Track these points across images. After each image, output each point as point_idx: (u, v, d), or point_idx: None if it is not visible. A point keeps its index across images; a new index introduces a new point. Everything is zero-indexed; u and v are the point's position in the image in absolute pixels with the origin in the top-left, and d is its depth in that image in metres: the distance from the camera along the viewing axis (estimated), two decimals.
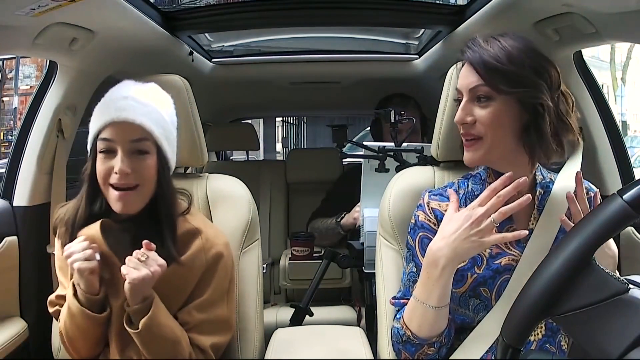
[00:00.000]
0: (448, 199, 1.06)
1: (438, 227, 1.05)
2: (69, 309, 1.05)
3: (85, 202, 1.07)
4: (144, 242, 0.99)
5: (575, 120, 1.03)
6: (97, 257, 1.02)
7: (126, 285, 0.98)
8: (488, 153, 1.01)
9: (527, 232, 0.95)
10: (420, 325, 0.99)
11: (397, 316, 1.05)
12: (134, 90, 1.07)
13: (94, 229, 1.05)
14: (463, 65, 1.04)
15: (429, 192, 1.11)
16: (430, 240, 1.05)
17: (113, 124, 1.02)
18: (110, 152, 1.03)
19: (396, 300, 1.09)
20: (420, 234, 1.07)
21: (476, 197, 1.04)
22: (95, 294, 1.03)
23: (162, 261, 0.99)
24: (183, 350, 1.04)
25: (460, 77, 1.04)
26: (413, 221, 1.10)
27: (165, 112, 1.10)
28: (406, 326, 1.00)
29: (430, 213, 1.08)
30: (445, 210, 1.05)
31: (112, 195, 1.03)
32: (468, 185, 1.10)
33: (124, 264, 0.99)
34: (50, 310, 1.14)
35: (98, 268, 1.02)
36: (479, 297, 1.02)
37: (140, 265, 0.97)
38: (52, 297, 1.14)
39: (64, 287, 1.12)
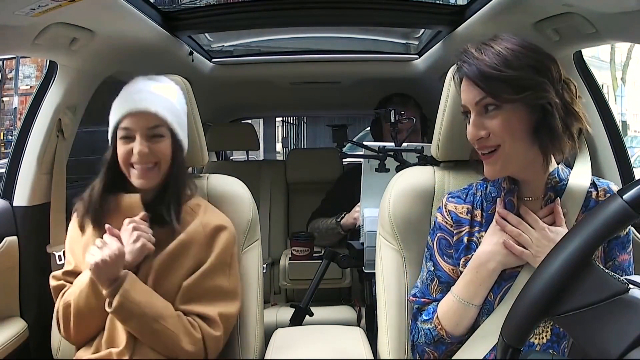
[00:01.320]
0: (464, 200, 1.10)
1: (454, 228, 1.09)
2: (87, 285, 1.11)
3: (102, 180, 1.19)
4: (142, 214, 1.14)
5: (581, 106, 1.01)
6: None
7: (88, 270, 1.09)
8: (507, 162, 0.99)
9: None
10: (457, 324, 1.02)
11: (426, 317, 1.07)
12: (147, 84, 1.20)
13: (135, 200, 1.17)
14: (461, 80, 1.02)
15: (449, 195, 1.13)
16: (447, 240, 1.09)
17: (131, 114, 1.15)
18: (129, 139, 1.15)
19: (417, 299, 1.10)
20: (439, 234, 1.10)
21: (493, 199, 1.07)
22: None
23: (117, 246, 1.08)
24: (170, 325, 1.10)
25: (463, 93, 1.01)
26: (433, 223, 1.13)
27: (175, 100, 1.22)
28: (441, 326, 1.03)
29: (447, 215, 1.10)
30: (462, 212, 1.09)
31: (134, 173, 1.16)
32: (486, 187, 1.10)
33: None
34: (54, 284, 1.19)
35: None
36: (484, 301, 1.02)
37: (98, 251, 1.07)
38: (57, 272, 1.21)
39: (71, 265, 1.20)
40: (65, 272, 1.20)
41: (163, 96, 1.19)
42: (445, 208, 1.11)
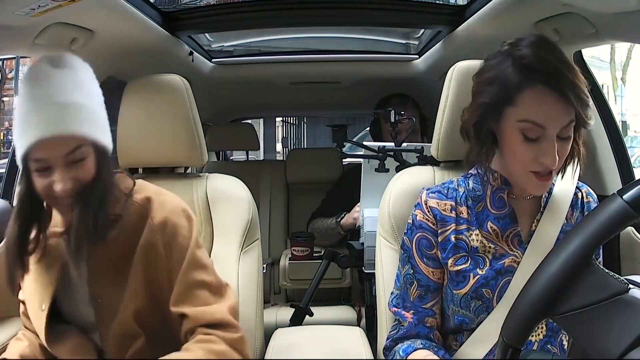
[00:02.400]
0: (446, 197, 1.05)
1: (438, 227, 1.04)
2: None
3: (19, 219, 1.00)
4: None
5: None
6: None
7: None
8: (555, 178, 0.99)
9: None
10: None
11: (402, 354, 1.03)
12: (50, 88, 0.93)
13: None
14: (530, 83, 0.91)
15: (427, 190, 1.08)
16: (429, 240, 1.04)
17: (41, 142, 0.91)
18: (46, 170, 0.94)
19: (397, 310, 1.08)
20: (418, 234, 1.05)
21: (478, 197, 1.04)
22: None
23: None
24: None
25: (544, 109, 0.90)
26: (410, 221, 1.07)
27: (86, 94, 0.97)
28: None
29: (429, 212, 1.05)
30: (445, 209, 1.04)
31: (60, 206, 0.98)
32: (469, 183, 1.07)
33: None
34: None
35: None
36: (481, 298, 1.00)
37: None
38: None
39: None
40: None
41: (73, 100, 0.94)
42: (426, 205, 1.05)
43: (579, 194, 1.07)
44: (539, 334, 0.99)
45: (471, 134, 1.00)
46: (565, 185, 1.05)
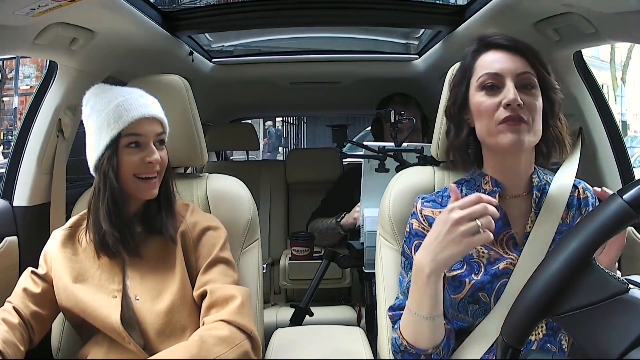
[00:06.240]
0: (441, 205, 1.07)
1: None
2: None
3: (106, 199, 1.09)
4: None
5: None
6: None
7: None
8: (529, 139, 0.98)
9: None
10: (415, 336, 0.96)
11: (395, 326, 1.04)
12: (127, 91, 1.14)
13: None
14: (488, 48, 1.03)
15: (422, 199, 1.10)
16: None
17: (142, 120, 1.10)
18: (139, 146, 1.10)
19: (394, 312, 1.07)
20: (415, 242, 1.06)
21: None
22: None
23: None
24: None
25: (498, 61, 1.01)
26: (408, 229, 1.10)
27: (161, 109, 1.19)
28: (402, 336, 0.99)
29: (424, 221, 1.07)
30: None
31: (143, 184, 1.11)
32: (462, 190, 1.08)
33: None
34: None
35: None
36: (478, 302, 1.01)
37: None
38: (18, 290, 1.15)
39: (44, 270, 1.16)
40: (36, 273, 1.15)
41: (157, 104, 1.17)
42: (421, 214, 1.08)
43: (576, 192, 1.08)
44: (538, 334, 0.99)
45: (450, 129, 1.10)
46: (562, 184, 1.06)
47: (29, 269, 1.17)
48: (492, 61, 1.02)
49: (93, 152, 1.11)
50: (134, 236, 1.12)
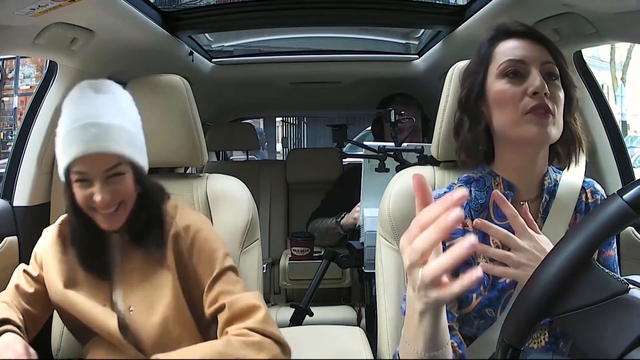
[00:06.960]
0: None
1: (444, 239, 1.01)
2: None
3: (73, 221, 1.10)
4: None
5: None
6: None
7: None
8: (555, 132, 0.93)
9: (481, 274, 0.60)
10: None
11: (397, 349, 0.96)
12: (94, 110, 1.02)
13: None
14: (509, 36, 0.98)
15: None
16: None
17: (84, 157, 0.99)
18: (86, 182, 1.02)
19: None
20: None
21: (480, 206, 1.00)
22: None
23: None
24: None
25: (521, 48, 0.96)
26: None
27: (127, 118, 1.06)
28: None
29: None
30: None
31: (99, 217, 1.05)
32: (471, 191, 1.01)
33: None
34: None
35: None
36: (484, 317, 0.97)
37: None
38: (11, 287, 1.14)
39: (36, 272, 1.14)
40: (28, 273, 1.13)
41: (115, 123, 1.02)
42: None
43: (584, 196, 1.03)
44: (541, 341, 0.96)
45: (463, 122, 1.02)
46: (570, 188, 1.02)
47: (22, 266, 1.16)
48: (514, 47, 0.96)
49: (60, 167, 1.05)
50: (111, 249, 1.11)
